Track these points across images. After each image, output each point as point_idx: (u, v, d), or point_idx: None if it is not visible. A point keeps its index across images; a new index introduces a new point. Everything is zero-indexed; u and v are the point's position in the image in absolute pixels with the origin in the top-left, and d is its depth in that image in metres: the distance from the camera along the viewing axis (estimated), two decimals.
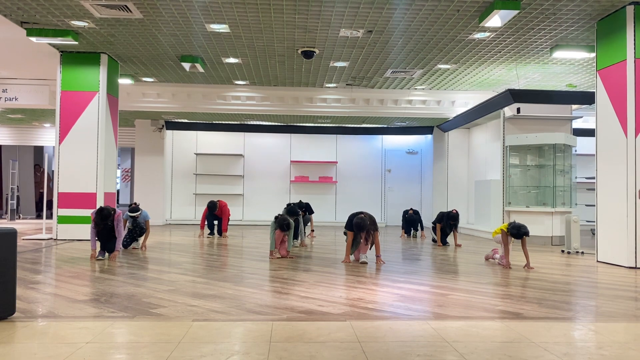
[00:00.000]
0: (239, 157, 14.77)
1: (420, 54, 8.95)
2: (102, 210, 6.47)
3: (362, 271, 5.86)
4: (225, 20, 7.36)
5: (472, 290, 4.74)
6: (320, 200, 14.37)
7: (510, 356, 2.76)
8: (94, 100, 9.07)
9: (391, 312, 3.79)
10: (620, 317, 3.76)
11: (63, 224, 8.97)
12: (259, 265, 6.24)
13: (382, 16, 7.15)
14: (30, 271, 5.58)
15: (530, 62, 9.29)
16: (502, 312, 3.82)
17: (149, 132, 14.01)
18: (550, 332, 3.28)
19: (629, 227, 6.41)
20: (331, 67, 10.01)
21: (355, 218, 6.48)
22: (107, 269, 5.86)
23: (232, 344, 2.97)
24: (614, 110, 6.64)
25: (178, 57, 9.36)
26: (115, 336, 3.12)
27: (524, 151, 10.34)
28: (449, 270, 6.04)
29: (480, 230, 11.08)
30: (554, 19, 7.12)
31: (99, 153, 9.06)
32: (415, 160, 15.10)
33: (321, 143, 14.92)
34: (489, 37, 7.97)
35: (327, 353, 2.79)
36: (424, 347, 2.92)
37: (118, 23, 7.55)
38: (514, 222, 6.40)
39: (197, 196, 14.55)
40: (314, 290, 4.63)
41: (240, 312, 3.75)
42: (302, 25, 7.54)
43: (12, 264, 3.44)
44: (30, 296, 4.24)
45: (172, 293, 4.41)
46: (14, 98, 10.98)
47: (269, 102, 12.18)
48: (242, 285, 4.86)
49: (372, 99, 12.21)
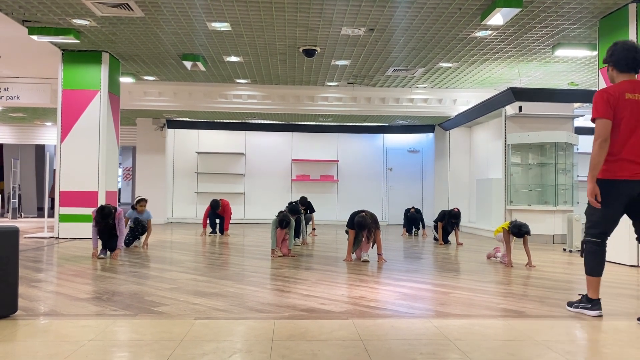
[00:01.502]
0: (240, 156, 14.77)
1: (422, 52, 8.93)
2: (103, 209, 6.48)
3: (363, 269, 5.85)
4: (227, 18, 7.36)
5: (474, 288, 4.73)
6: (321, 199, 14.37)
7: (512, 354, 2.76)
8: (96, 98, 9.07)
9: (393, 311, 3.79)
10: (623, 315, 3.76)
11: (65, 223, 8.98)
12: (261, 264, 6.24)
13: (384, 14, 7.14)
14: (32, 269, 5.59)
15: (532, 60, 9.28)
16: (505, 311, 3.82)
17: (150, 130, 14.01)
18: (552, 331, 3.27)
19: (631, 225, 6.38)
20: (333, 66, 10.00)
21: (357, 216, 6.48)
22: (109, 267, 5.86)
23: (234, 342, 2.97)
24: None
25: (179, 56, 9.36)
26: (118, 334, 3.12)
27: (526, 149, 10.32)
28: (451, 269, 6.04)
29: (482, 229, 11.07)
30: (556, 17, 7.10)
31: (101, 151, 9.06)
32: (417, 158, 15.09)
33: (322, 142, 14.92)
34: (491, 36, 7.96)
35: (329, 351, 2.79)
36: (427, 345, 2.91)
37: (119, 21, 7.54)
38: (516, 220, 6.39)
39: (198, 195, 14.56)
40: (316, 288, 4.63)
41: (242, 310, 3.75)
42: (304, 23, 7.54)
43: (14, 262, 3.44)
44: (33, 294, 4.24)
45: (174, 291, 4.42)
46: (15, 97, 10.98)
47: (271, 100, 12.18)
48: (244, 283, 4.86)
49: (373, 98, 12.19)
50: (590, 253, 3.67)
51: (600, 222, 3.62)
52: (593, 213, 3.63)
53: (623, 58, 3.57)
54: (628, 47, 3.57)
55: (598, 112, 3.52)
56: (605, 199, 3.52)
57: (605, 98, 3.50)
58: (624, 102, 3.48)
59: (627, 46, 3.58)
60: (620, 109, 3.48)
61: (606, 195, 3.52)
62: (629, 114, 3.47)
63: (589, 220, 3.69)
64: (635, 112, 3.48)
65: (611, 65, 3.64)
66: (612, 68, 3.65)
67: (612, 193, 3.52)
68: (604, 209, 3.55)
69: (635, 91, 3.50)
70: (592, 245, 3.66)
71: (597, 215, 3.60)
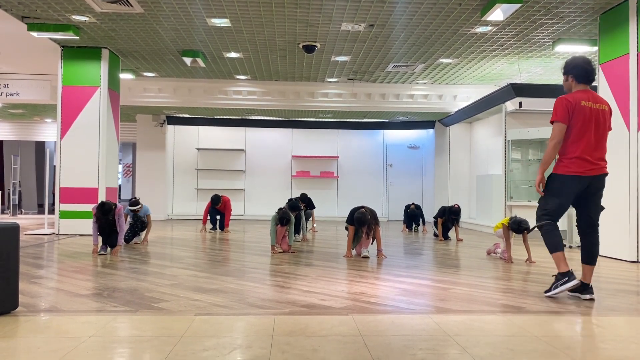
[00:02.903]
0: (240, 152, 14.77)
1: (422, 48, 8.92)
2: (103, 205, 6.48)
3: (363, 265, 5.86)
4: (227, 14, 7.34)
5: (474, 284, 4.74)
6: (321, 195, 14.38)
7: (512, 350, 2.77)
8: (95, 95, 9.07)
9: (393, 306, 3.80)
10: (622, 311, 3.76)
11: (65, 219, 8.99)
12: (261, 260, 6.25)
13: (384, 10, 7.12)
14: (32, 266, 5.59)
15: (532, 56, 9.26)
16: (504, 306, 3.83)
17: (150, 127, 14.01)
18: (552, 326, 3.28)
19: (631, 221, 6.40)
20: (332, 62, 9.98)
21: (357, 213, 6.48)
22: (109, 263, 5.87)
23: (234, 338, 2.97)
24: (616, 105, 6.61)
25: (179, 52, 9.35)
26: (118, 330, 3.13)
27: (526, 145, 10.31)
28: (451, 265, 6.05)
29: (482, 225, 11.07)
30: (556, 12, 7.09)
31: (101, 148, 9.07)
32: (417, 154, 15.09)
33: (323, 138, 14.91)
34: (491, 31, 7.94)
35: (329, 347, 2.79)
36: (426, 340, 2.92)
37: (119, 17, 7.53)
38: (515, 216, 6.40)
39: (198, 191, 14.56)
40: (316, 284, 4.63)
41: (242, 306, 3.75)
42: (304, 19, 7.52)
43: (15, 259, 3.44)
44: (33, 291, 4.25)
45: (175, 287, 4.42)
46: (15, 93, 10.98)
47: (270, 96, 12.17)
48: (244, 279, 4.87)
49: (373, 94, 12.18)
50: (549, 232, 4.11)
51: (555, 210, 4.10)
52: (547, 202, 4.11)
53: (583, 71, 4.12)
54: (586, 62, 4.15)
55: (557, 116, 4.02)
56: (561, 191, 4.05)
57: (565, 105, 4.01)
58: (580, 109, 3.99)
59: (586, 61, 4.16)
60: (577, 114, 3.98)
61: (562, 187, 4.04)
62: (583, 119, 3.98)
63: (543, 209, 4.14)
64: (588, 118, 3.98)
65: (571, 76, 4.17)
66: (571, 79, 4.18)
67: (568, 186, 4.03)
68: (560, 199, 4.06)
69: (589, 100, 4.04)
70: (549, 225, 4.11)
71: (551, 205, 4.09)
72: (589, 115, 3.98)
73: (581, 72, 4.13)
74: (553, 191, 4.08)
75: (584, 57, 4.21)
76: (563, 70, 4.26)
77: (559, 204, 4.08)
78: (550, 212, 4.10)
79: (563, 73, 4.27)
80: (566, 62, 4.25)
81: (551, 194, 4.09)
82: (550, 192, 4.10)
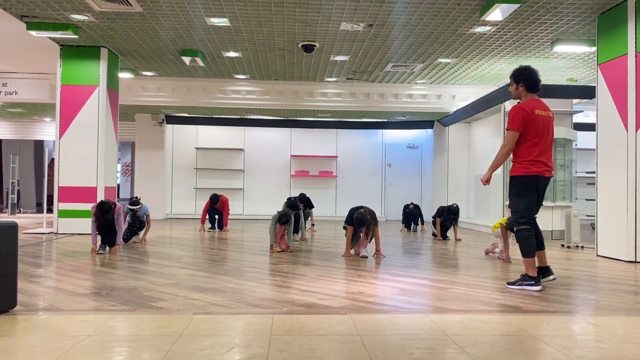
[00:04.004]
0: (239, 152, 14.77)
1: (420, 48, 8.93)
2: (103, 204, 6.48)
3: (362, 265, 5.87)
4: (226, 13, 7.34)
5: (472, 284, 4.75)
6: (320, 195, 14.38)
7: (509, 349, 2.77)
8: (94, 94, 9.06)
9: (391, 306, 3.80)
10: (620, 310, 3.77)
11: (63, 218, 8.99)
12: (260, 259, 6.25)
13: (383, 10, 7.13)
14: (31, 265, 5.59)
15: (531, 56, 9.27)
16: (502, 306, 3.84)
17: (149, 126, 14.00)
18: (549, 326, 3.29)
19: (629, 221, 6.41)
20: (331, 61, 9.99)
21: (356, 213, 6.49)
22: (108, 262, 5.87)
23: (232, 337, 2.98)
24: (614, 105, 6.62)
25: (178, 51, 9.35)
26: (116, 329, 3.13)
27: None
28: (449, 264, 6.06)
29: (480, 225, 11.09)
30: (555, 12, 7.09)
31: (99, 147, 9.06)
32: (416, 154, 15.10)
33: (321, 137, 14.91)
34: (490, 31, 7.95)
35: (327, 346, 2.80)
36: (424, 340, 2.93)
37: (118, 17, 7.53)
38: None
39: (197, 190, 14.56)
40: (314, 283, 4.64)
41: (240, 305, 3.76)
42: (303, 19, 7.52)
43: (14, 258, 3.44)
44: (32, 289, 4.25)
45: (173, 287, 4.43)
46: (14, 92, 10.97)
47: (269, 96, 12.17)
48: (242, 278, 4.87)
49: (372, 93, 12.19)
50: (525, 239, 4.42)
51: (526, 210, 4.41)
52: (518, 204, 4.44)
53: (533, 80, 4.45)
54: (535, 72, 4.49)
55: (514, 124, 4.36)
56: (526, 191, 4.39)
57: (522, 115, 4.33)
58: (535, 117, 4.35)
59: (534, 71, 4.48)
60: (532, 122, 4.34)
61: (526, 187, 4.38)
62: (538, 127, 4.35)
63: (516, 212, 4.46)
64: (542, 126, 4.38)
65: (522, 85, 4.48)
66: (522, 88, 4.49)
67: (530, 185, 4.38)
68: (526, 199, 4.40)
69: (540, 108, 4.42)
70: (526, 232, 4.41)
71: (522, 206, 4.41)
72: (542, 123, 4.38)
73: (531, 82, 4.45)
74: (520, 192, 4.41)
75: (532, 68, 4.52)
76: (513, 78, 4.55)
77: (528, 203, 4.41)
78: (525, 215, 4.41)
79: (513, 81, 4.56)
80: (516, 71, 4.54)
81: (518, 195, 4.41)
82: (517, 194, 4.42)
